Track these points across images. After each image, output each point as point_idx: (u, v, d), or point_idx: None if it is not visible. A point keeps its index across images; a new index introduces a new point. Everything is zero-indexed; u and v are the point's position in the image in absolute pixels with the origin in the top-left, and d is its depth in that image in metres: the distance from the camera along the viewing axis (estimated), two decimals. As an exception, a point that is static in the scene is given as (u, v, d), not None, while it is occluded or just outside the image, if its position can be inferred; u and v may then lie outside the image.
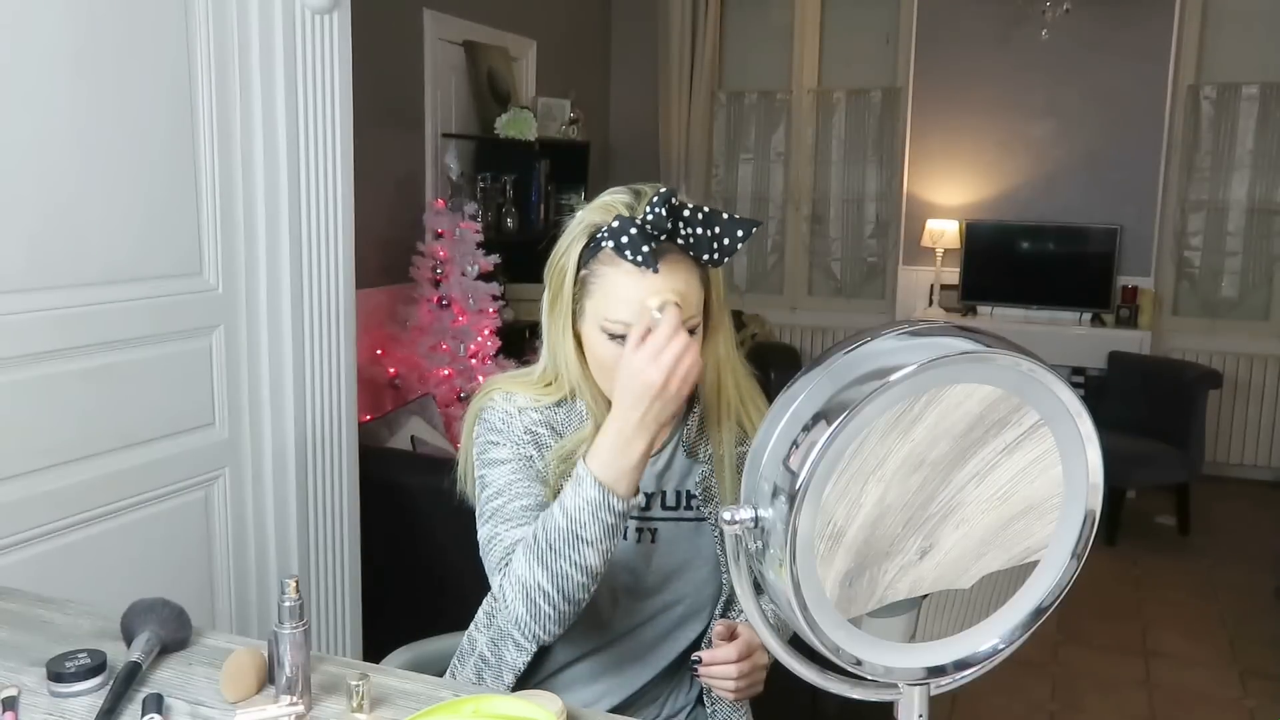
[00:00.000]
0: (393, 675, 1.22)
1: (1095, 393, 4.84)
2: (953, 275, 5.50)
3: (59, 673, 1.14)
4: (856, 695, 0.89)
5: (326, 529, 2.45)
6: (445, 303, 3.87)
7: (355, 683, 1.11)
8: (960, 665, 0.88)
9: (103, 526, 1.98)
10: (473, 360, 3.87)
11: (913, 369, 0.76)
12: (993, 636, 0.88)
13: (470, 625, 1.45)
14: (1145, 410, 4.59)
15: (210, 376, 2.18)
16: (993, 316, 5.42)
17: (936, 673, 0.88)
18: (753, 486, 0.82)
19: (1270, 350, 5.16)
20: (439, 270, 3.87)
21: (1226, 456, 5.27)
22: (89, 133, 1.87)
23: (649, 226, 1.17)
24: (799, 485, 0.76)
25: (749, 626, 1.29)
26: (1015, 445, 0.82)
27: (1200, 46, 5.12)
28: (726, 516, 0.82)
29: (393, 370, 3.90)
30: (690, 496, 1.36)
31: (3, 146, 1.73)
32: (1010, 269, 5.42)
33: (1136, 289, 5.19)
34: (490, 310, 3.93)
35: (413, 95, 4.21)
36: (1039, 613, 0.88)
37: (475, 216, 4.01)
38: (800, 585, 0.79)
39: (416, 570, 2.79)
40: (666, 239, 1.19)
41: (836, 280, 5.93)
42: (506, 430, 1.30)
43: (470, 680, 1.38)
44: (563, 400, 1.32)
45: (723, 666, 1.27)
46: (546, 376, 1.33)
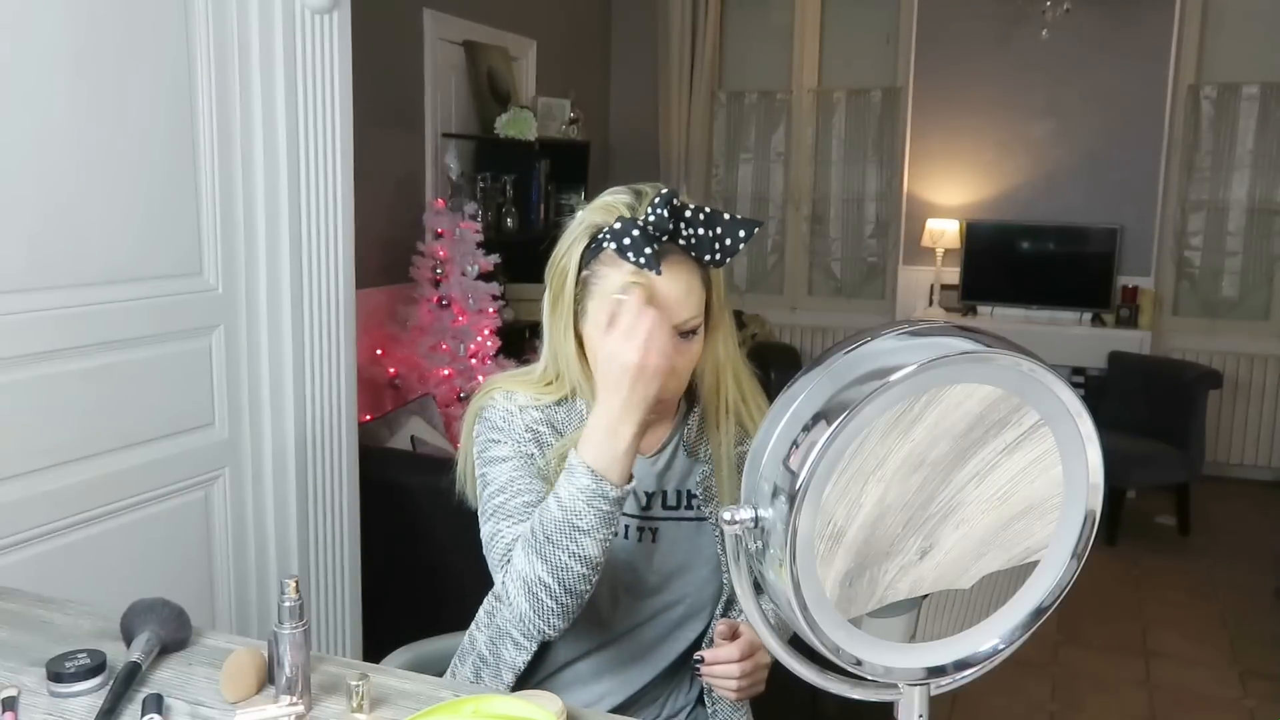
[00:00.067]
0: (393, 675, 1.22)
1: (1095, 393, 4.84)
2: (953, 275, 5.50)
3: (59, 673, 1.14)
4: (856, 695, 0.89)
5: (326, 529, 2.45)
6: (445, 303, 3.87)
7: (355, 683, 1.11)
8: (960, 665, 0.88)
9: (103, 526, 1.98)
10: (473, 360, 3.87)
11: (913, 369, 0.76)
12: (993, 636, 0.88)
13: (471, 625, 1.45)
14: (1145, 410, 4.59)
15: (210, 376, 2.18)
16: (993, 316, 5.42)
17: (936, 673, 0.88)
18: (753, 486, 0.82)
19: (1270, 350, 5.16)
20: (439, 270, 3.87)
21: (1226, 456, 5.27)
22: (89, 133, 1.87)
23: (651, 228, 1.17)
24: (799, 485, 0.76)
25: (751, 626, 1.29)
26: (1015, 445, 0.82)
27: (1200, 46, 5.12)
28: (726, 516, 0.82)
29: (393, 370, 3.90)
30: (691, 496, 1.36)
31: (3, 146, 1.73)
32: (1010, 269, 5.42)
33: (1136, 289, 5.19)
34: (490, 310, 3.93)
35: (413, 95, 4.21)
36: (1039, 613, 0.88)
37: (475, 216, 4.01)
38: (800, 585, 0.79)
39: (416, 570, 2.79)
40: (668, 240, 1.19)
41: (836, 280, 5.93)
42: (507, 428, 1.30)
43: (469, 679, 1.38)
44: (563, 399, 1.32)
45: (725, 666, 1.26)
46: (547, 375, 1.33)
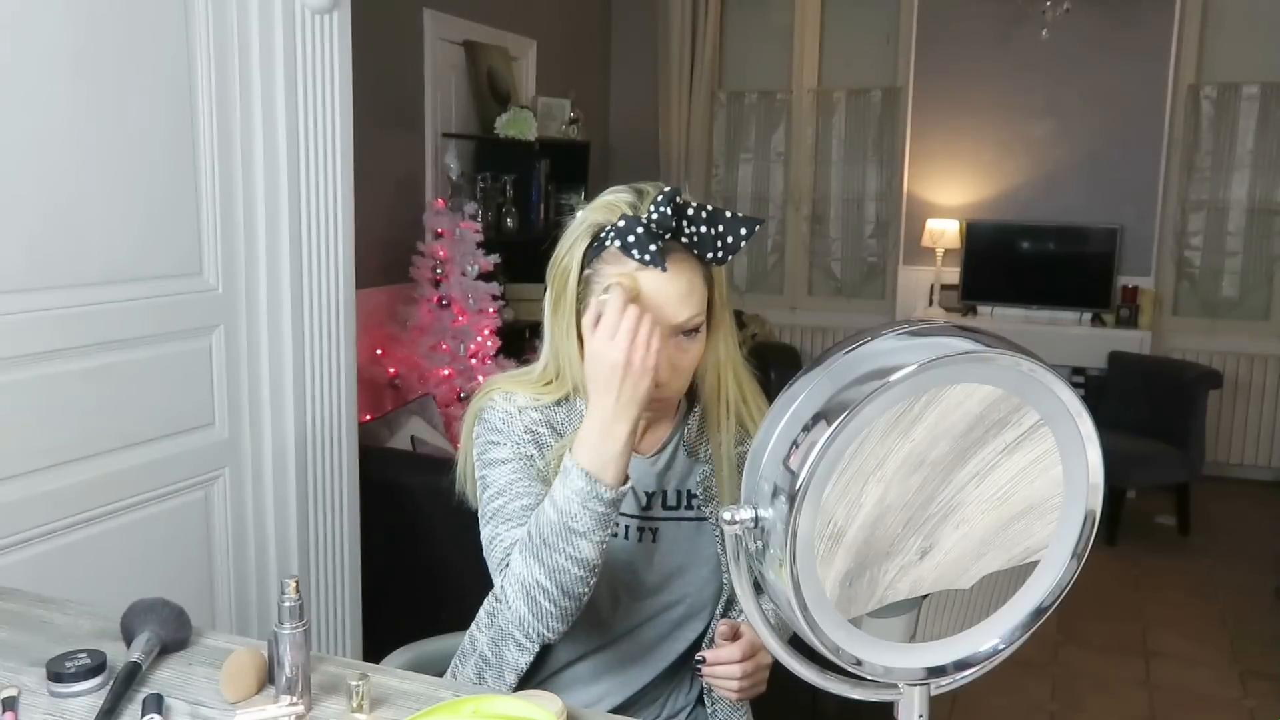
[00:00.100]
0: (393, 675, 1.22)
1: (1095, 393, 4.84)
2: (953, 275, 5.49)
3: (59, 673, 1.13)
4: (856, 695, 0.89)
5: (326, 529, 2.45)
6: (445, 303, 3.87)
7: (355, 683, 1.11)
8: (960, 665, 0.88)
9: (103, 526, 1.98)
10: (473, 360, 3.87)
11: (913, 369, 0.76)
12: (993, 636, 0.88)
13: (471, 625, 1.45)
14: (1145, 410, 4.59)
15: (210, 376, 2.18)
16: (993, 316, 5.42)
17: (936, 673, 0.88)
18: (753, 486, 0.82)
19: (1270, 350, 5.16)
20: (439, 270, 3.87)
21: (1226, 456, 5.27)
22: (89, 133, 1.87)
23: (654, 225, 1.17)
24: (799, 485, 0.76)
25: (751, 626, 1.29)
26: (1015, 445, 0.82)
27: (1200, 46, 5.12)
28: (726, 516, 0.82)
29: (393, 370, 3.90)
30: (691, 496, 1.36)
31: (3, 146, 1.73)
32: (1010, 269, 5.42)
33: (1136, 289, 5.19)
34: (490, 310, 3.93)
35: (413, 95, 4.21)
36: (1039, 613, 0.88)
37: (475, 216, 4.01)
38: (800, 585, 0.79)
39: (416, 570, 2.79)
40: (671, 238, 1.19)
41: (836, 280, 5.93)
42: (506, 430, 1.30)
43: (471, 680, 1.38)
44: (562, 399, 1.32)
45: (726, 666, 1.26)
46: (546, 375, 1.33)
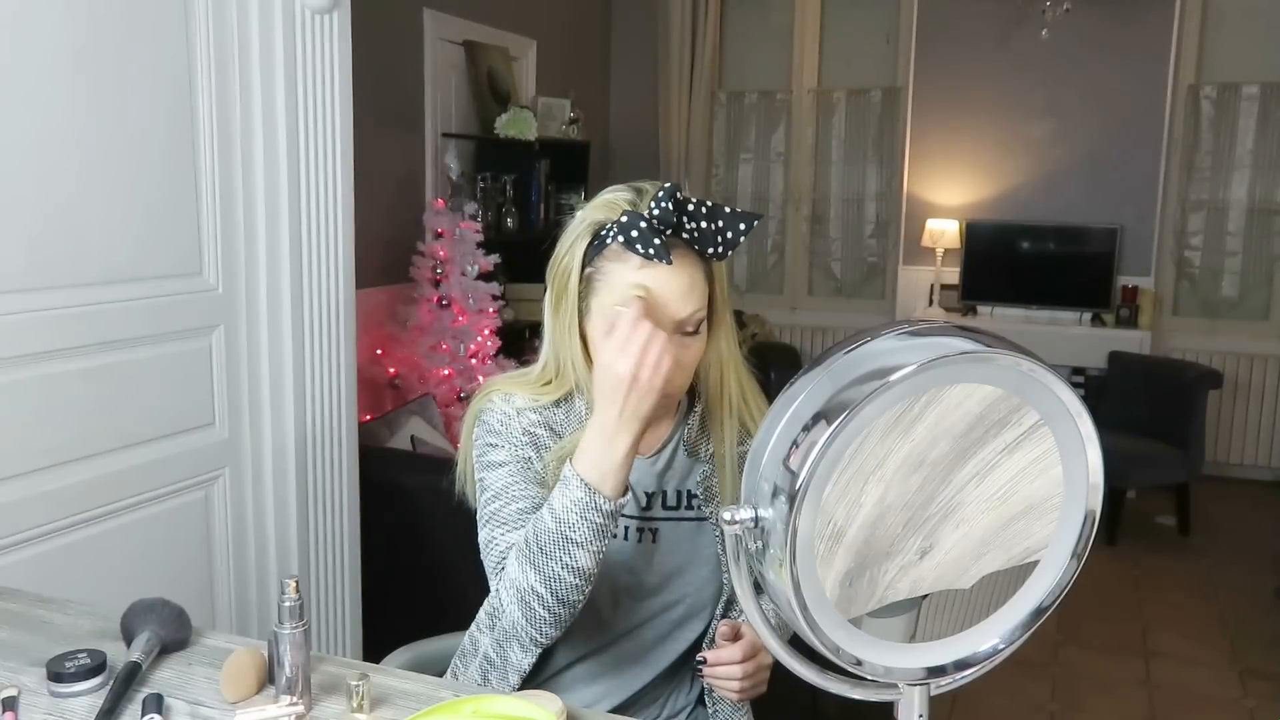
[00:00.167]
0: (393, 675, 1.22)
1: (1095, 393, 4.84)
2: (953, 275, 5.50)
3: (59, 673, 1.13)
4: (856, 695, 0.89)
5: (326, 529, 2.45)
6: (445, 303, 3.87)
7: (355, 683, 1.11)
8: (960, 665, 0.88)
9: (103, 526, 1.98)
10: (473, 360, 3.87)
11: (913, 369, 0.76)
12: (993, 636, 0.88)
13: (471, 626, 1.45)
14: (1145, 410, 4.59)
15: (210, 376, 2.18)
16: (993, 316, 5.42)
17: (936, 673, 0.88)
18: (753, 486, 0.82)
19: (1270, 350, 5.16)
20: (439, 270, 3.87)
21: (1226, 456, 5.27)
22: (89, 133, 1.87)
23: (656, 221, 1.17)
24: (799, 485, 0.76)
25: (752, 627, 1.28)
26: (1015, 445, 0.82)
27: (1200, 46, 5.12)
28: (726, 516, 0.82)
29: (393, 370, 3.90)
30: (691, 496, 1.35)
31: (3, 146, 1.73)
32: (1010, 269, 5.42)
33: (1136, 289, 5.19)
34: (490, 310, 3.93)
35: (413, 95, 4.21)
36: (1039, 613, 0.88)
37: (475, 216, 4.01)
38: (800, 585, 0.79)
39: (416, 570, 2.79)
40: (671, 234, 1.19)
41: (836, 280, 5.93)
42: (505, 432, 1.30)
43: (475, 681, 1.38)
44: (562, 400, 1.32)
45: (727, 667, 1.26)
46: (545, 375, 1.33)
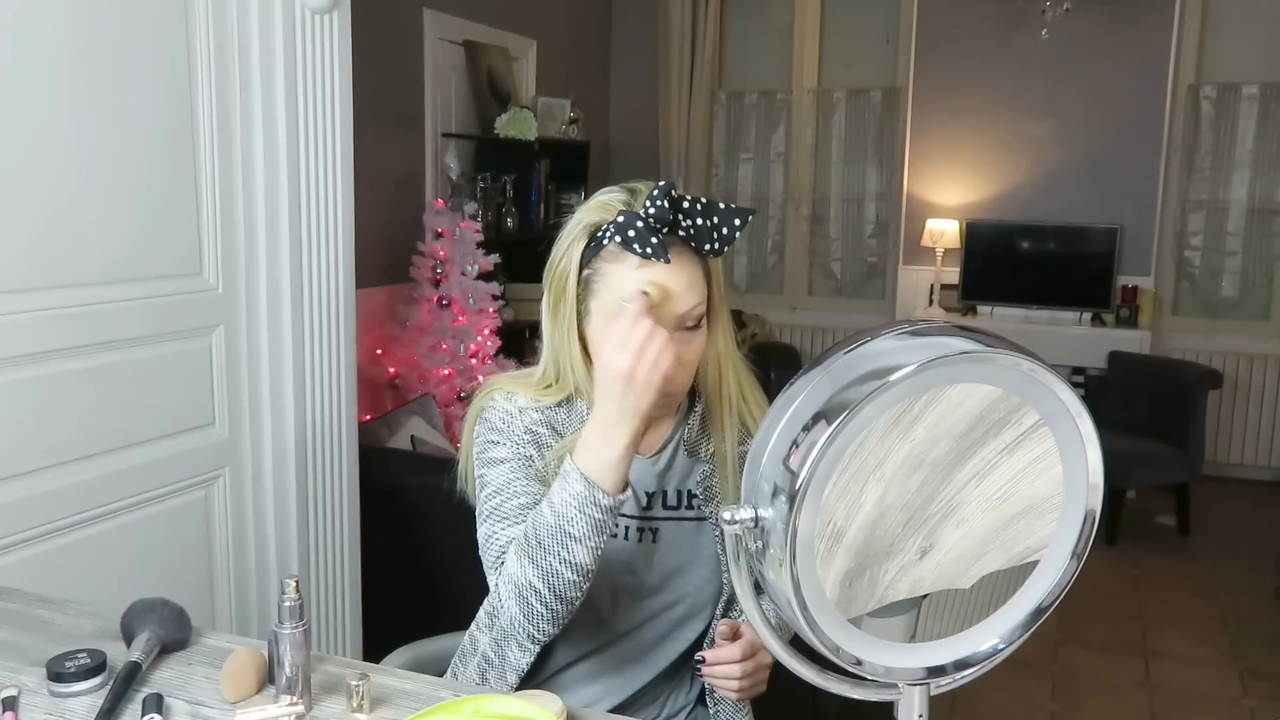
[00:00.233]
0: (393, 675, 1.22)
1: (1095, 393, 4.84)
2: (953, 275, 5.49)
3: (59, 673, 1.13)
4: (856, 695, 0.89)
5: (326, 529, 2.45)
6: (445, 303, 3.87)
7: (355, 683, 1.11)
8: (960, 665, 0.88)
9: (103, 526, 1.98)
10: (473, 360, 3.87)
11: (913, 369, 0.76)
12: (993, 636, 0.88)
13: (471, 625, 1.45)
14: (1145, 410, 4.59)
15: (210, 376, 2.18)
16: (993, 316, 5.42)
17: (936, 673, 0.88)
18: (753, 486, 0.82)
19: (1270, 350, 5.16)
20: (439, 270, 3.87)
21: (1226, 456, 5.27)
22: (89, 133, 1.87)
23: (652, 219, 1.17)
24: (799, 485, 0.76)
25: (752, 626, 1.28)
26: (1015, 445, 0.82)
27: (1200, 46, 5.12)
28: (726, 516, 0.82)
29: (393, 370, 3.90)
30: (691, 496, 1.35)
31: (3, 146, 1.73)
32: (1010, 269, 5.42)
33: (1136, 289, 5.19)
34: (490, 310, 3.93)
35: (413, 95, 4.21)
36: (1039, 613, 0.88)
37: (475, 216, 4.01)
38: (800, 585, 0.79)
39: (416, 570, 2.79)
40: (668, 232, 1.19)
41: (836, 280, 5.93)
42: (506, 430, 1.30)
43: (474, 680, 1.38)
44: (563, 401, 1.32)
45: (727, 666, 1.26)
46: (546, 378, 1.33)
